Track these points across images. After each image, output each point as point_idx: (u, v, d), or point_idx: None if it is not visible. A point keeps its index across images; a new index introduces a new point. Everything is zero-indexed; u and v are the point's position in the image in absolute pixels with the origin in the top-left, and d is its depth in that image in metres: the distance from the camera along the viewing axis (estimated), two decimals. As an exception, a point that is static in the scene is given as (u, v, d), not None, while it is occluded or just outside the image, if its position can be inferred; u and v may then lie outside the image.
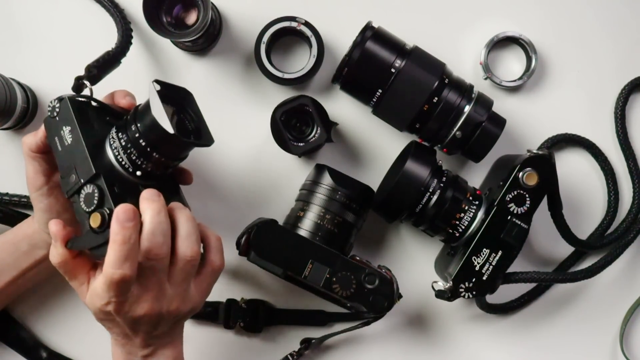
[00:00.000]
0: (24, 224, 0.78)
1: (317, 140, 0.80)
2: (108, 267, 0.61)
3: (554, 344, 0.88)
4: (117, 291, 0.62)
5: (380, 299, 0.74)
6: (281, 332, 0.87)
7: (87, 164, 0.65)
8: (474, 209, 0.77)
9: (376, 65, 0.76)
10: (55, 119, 0.67)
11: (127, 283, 0.62)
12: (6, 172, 0.86)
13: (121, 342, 0.68)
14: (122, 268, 0.61)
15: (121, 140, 0.67)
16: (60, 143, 0.67)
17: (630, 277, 0.88)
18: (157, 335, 0.67)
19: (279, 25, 0.81)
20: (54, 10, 0.86)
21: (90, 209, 0.63)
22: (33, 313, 0.86)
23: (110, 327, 0.68)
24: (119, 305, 0.64)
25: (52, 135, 0.68)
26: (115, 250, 0.61)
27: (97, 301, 0.64)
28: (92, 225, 0.63)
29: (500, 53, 0.87)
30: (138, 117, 0.67)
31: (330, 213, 0.76)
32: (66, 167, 0.66)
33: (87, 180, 0.64)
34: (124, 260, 0.61)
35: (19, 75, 0.84)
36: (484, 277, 0.76)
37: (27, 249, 0.76)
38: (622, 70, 0.87)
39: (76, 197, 0.65)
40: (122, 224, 0.61)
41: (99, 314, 0.66)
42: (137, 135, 0.66)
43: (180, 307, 0.67)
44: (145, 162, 0.67)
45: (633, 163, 0.86)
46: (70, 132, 0.66)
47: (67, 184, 0.66)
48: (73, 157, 0.66)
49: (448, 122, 0.77)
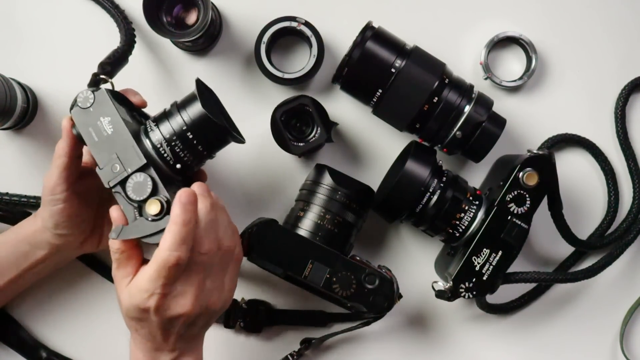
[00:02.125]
0: (25, 223, 0.77)
1: (317, 140, 0.80)
2: (164, 250, 0.62)
3: (554, 344, 0.88)
4: (166, 279, 0.62)
5: (381, 299, 0.74)
6: (281, 332, 0.87)
7: (134, 153, 0.66)
8: (474, 209, 0.77)
9: (376, 65, 0.76)
10: (89, 110, 0.67)
11: (179, 268, 0.62)
12: (6, 172, 0.86)
13: (145, 346, 0.67)
14: (179, 250, 0.62)
15: (164, 133, 0.68)
16: (96, 133, 0.67)
17: (630, 277, 0.88)
18: (186, 338, 0.67)
19: (279, 25, 0.81)
20: (54, 10, 0.86)
21: (143, 197, 0.65)
22: (33, 313, 0.85)
23: (138, 328, 0.66)
24: (161, 299, 0.63)
25: (85, 125, 0.67)
26: (174, 233, 0.62)
27: (139, 295, 0.63)
28: (149, 212, 0.64)
29: (500, 53, 0.87)
30: (184, 111, 0.68)
31: (330, 213, 0.76)
32: (105, 157, 0.66)
33: (136, 170, 0.65)
34: (182, 242, 0.62)
35: (19, 75, 0.84)
36: (484, 277, 0.76)
37: (28, 249, 0.76)
38: (622, 70, 0.87)
39: (120, 187, 0.66)
40: (185, 206, 0.62)
41: (133, 312, 0.65)
42: (185, 127, 0.68)
43: (216, 302, 0.67)
44: (188, 155, 0.69)
45: (633, 163, 0.87)
46: (110, 123, 0.66)
47: (109, 174, 0.66)
48: (114, 147, 0.66)
49: (448, 122, 0.77)
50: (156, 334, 0.66)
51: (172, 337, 0.66)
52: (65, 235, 0.75)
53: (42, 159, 0.85)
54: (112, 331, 0.84)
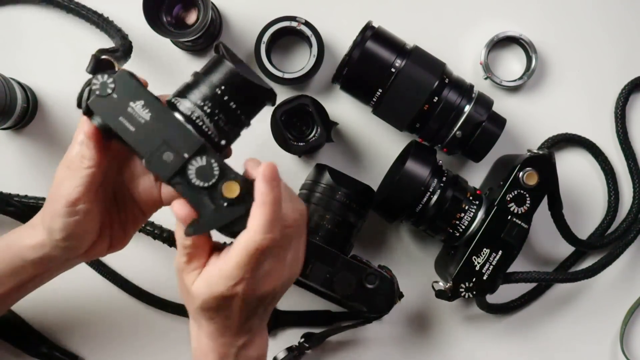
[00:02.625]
0: (20, 235, 0.67)
1: (317, 140, 0.80)
2: (256, 234, 0.55)
3: (554, 344, 0.88)
4: (257, 263, 0.56)
5: (381, 299, 0.74)
6: (287, 333, 0.87)
7: (186, 136, 0.57)
8: (474, 209, 0.77)
9: (376, 65, 0.76)
10: (112, 97, 0.58)
11: (272, 251, 0.57)
12: (6, 172, 0.86)
13: (219, 333, 0.61)
14: (273, 232, 0.56)
15: (204, 107, 0.59)
16: (130, 122, 0.57)
17: (630, 277, 0.88)
18: (263, 317, 0.63)
19: (279, 25, 0.81)
20: (54, 10, 0.86)
21: (211, 182, 0.57)
22: (33, 308, 0.85)
23: (214, 317, 0.60)
24: (251, 283, 0.57)
25: (113, 116, 0.57)
26: (265, 213, 0.55)
27: (224, 283, 0.57)
28: (228, 195, 0.56)
29: (500, 53, 0.87)
30: (217, 78, 0.60)
31: (331, 213, 0.76)
32: (150, 147, 0.57)
33: (194, 153, 0.57)
34: (274, 222, 0.56)
35: (19, 75, 0.84)
36: (484, 277, 0.76)
37: (24, 264, 0.66)
38: (622, 70, 0.87)
39: (179, 177, 0.57)
40: (272, 182, 0.56)
41: (213, 302, 0.58)
42: (226, 98, 0.59)
43: (296, 272, 0.62)
44: (232, 128, 0.60)
45: (633, 163, 0.87)
46: (144, 107, 0.57)
47: (163, 165, 0.57)
48: (159, 133, 0.57)
49: (448, 121, 0.77)
50: (236, 318, 0.60)
51: (252, 319, 0.61)
52: (72, 248, 0.65)
53: (42, 159, 0.85)
54: (113, 326, 0.84)
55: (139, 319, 0.86)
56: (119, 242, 0.68)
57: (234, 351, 0.62)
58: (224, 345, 0.62)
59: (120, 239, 0.68)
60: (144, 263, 0.86)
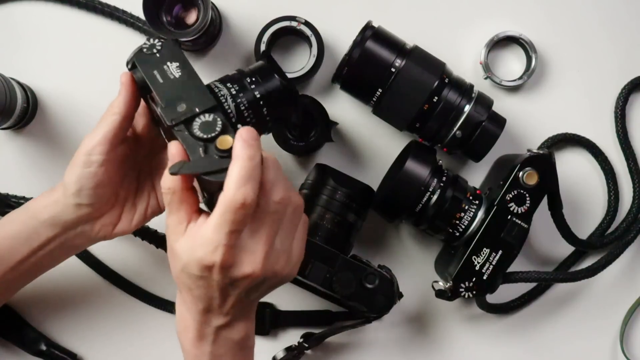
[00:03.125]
0: (39, 197, 0.71)
1: (317, 140, 0.80)
2: (228, 189, 0.56)
3: (554, 344, 0.88)
4: (232, 224, 0.57)
5: (381, 299, 0.74)
6: (287, 333, 0.87)
7: (203, 95, 0.64)
8: (474, 209, 0.77)
9: (376, 65, 0.76)
10: (155, 55, 0.66)
11: (246, 211, 0.57)
12: (6, 172, 0.86)
13: (196, 307, 0.62)
14: (245, 187, 0.56)
15: (231, 89, 0.70)
16: (162, 75, 0.65)
17: (630, 277, 0.88)
18: (244, 304, 0.62)
19: (279, 24, 0.82)
20: (54, 10, 0.86)
21: (211, 134, 0.61)
22: (32, 305, 0.85)
23: (193, 288, 0.60)
24: (228, 252, 0.57)
25: (150, 68, 0.65)
26: (239, 168, 0.57)
27: (203, 248, 0.58)
28: (221, 146, 0.59)
29: (500, 53, 0.87)
30: (254, 74, 0.71)
31: (330, 213, 0.76)
32: (170, 97, 0.63)
33: (205, 110, 0.62)
34: (247, 178, 0.56)
35: (19, 75, 0.84)
36: (484, 277, 0.76)
37: (37, 225, 0.70)
38: (622, 70, 0.87)
39: (183, 125, 0.62)
40: (247, 141, 0.57)
41: (194, 267, 0.59)
42: (253, 87, 0.70)
43: (284, 267, 0.62)
44: (250, 114, 0.70)
45: (633, 163, 0.86)
46: (178, 67, 0.65)
47: (173, 112, 0.62)
48: (181, 89, 0.64)
49: (448, 121, 0.77)
50: (214, 295, 0.60)
51: (230, 300, 0.61)
52: (82, 206, 0.69)
53: (42, 159, 0.85)
54: (112, 324, 0.84)
55: (139, 317, 0.86)
56: (127, 223, 0.72)
57: (211, 330, 0.62)
58: (202, 322, 0.62)
59: (129, 220, 0.72)
60: (144, 263, 0.86)
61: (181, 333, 0.65)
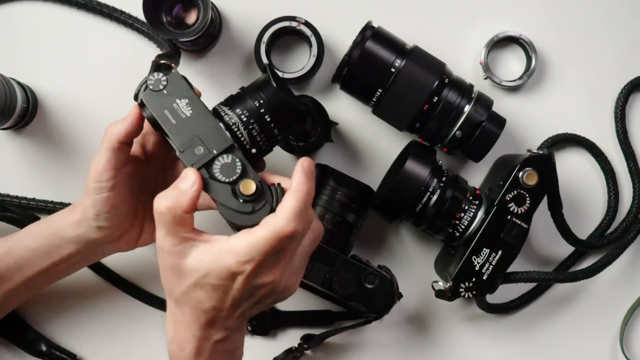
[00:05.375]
0: (61, 214, 0.73)
1: (317, 140, 0.80)
2: (281, 220, 0.58)
3: (554, 344, 0.88)
4: (272, 248, 0.58)
5: (380, 299, 0.74)
6: (287, 333, 0.87)
7: (219, 135, 0.64)
8: (474, 209, 0.77)
9: (376, 65, 0.76)
10: (162, 92, 0.65)
11: (291, 242, 0.59)
12: (6, 172, 0.86)
13: (198, 323, 0.62)
14: (298, 222, 0.58)
15: (241, 116, 0.67)
16: (173, 116, 0.65)
17: (630, 277, 0.88)
18: (246, 315, 0.64)
19: (279, 25, 0.81)
20: (54, 10, 0.86)
21: (232, 178, 0.63)
22: (32, 306, 0.85)
23: (203, 301, 0.61)
24: (258, 267, 0.59)
25: (160, 108, 0.65)
26: (297, 201, 0.58)
27: (233, 257, 0.59)
28: (245, 192, 0.62)
29: (500, 53, 0.87)
30: (258, 94, 0.68)
31: (330, 213, 0.76)
32: (185, 139, 0.64)
33: (222, 151, 0.63)
34: (302, 213, 0.58)
35: (19, 75, 0.84)
36: (484, 277, 0.76)
37: (60, 242, 0.72)
38: (622, 70, 0.87)
39: (204, 170, 0.63)
40: (308, 175, 0.59)
41: (216, 275, 0.59)
42: (262, 110, 0.68)
43: (291, 286, 0.64)
44: (264, 140, 0.68)
45: (633, 163, 0.86)
46: (188, 105, 0.65)
47: (192, 156, 0.63)
48: (196, 129, 0.64)
49: (448, 121, 0.77)
50: (224, 306, 0.61)
51: (238, 311, 0.62)
52: (104, 228, 0.71)
53: (42, 159, 0.85)
54: (112, 325, 0.84)
55: (139, 318, 0.86)
56: (149, 235, 0.74)
57: (209, 345, 0.63)
58: (201, 338, 0.62)
59: (150, 233, 0.74)
60: (145, 263, 0.86)
61: (175, 353, 0.65)
